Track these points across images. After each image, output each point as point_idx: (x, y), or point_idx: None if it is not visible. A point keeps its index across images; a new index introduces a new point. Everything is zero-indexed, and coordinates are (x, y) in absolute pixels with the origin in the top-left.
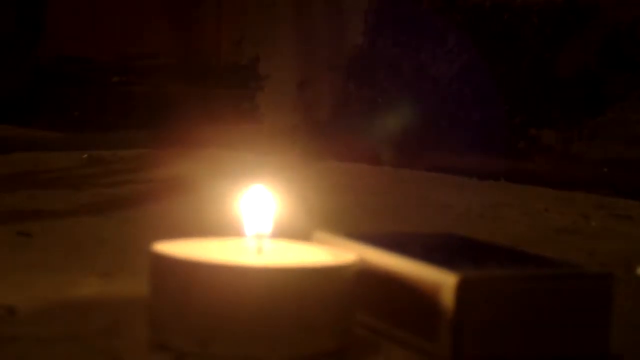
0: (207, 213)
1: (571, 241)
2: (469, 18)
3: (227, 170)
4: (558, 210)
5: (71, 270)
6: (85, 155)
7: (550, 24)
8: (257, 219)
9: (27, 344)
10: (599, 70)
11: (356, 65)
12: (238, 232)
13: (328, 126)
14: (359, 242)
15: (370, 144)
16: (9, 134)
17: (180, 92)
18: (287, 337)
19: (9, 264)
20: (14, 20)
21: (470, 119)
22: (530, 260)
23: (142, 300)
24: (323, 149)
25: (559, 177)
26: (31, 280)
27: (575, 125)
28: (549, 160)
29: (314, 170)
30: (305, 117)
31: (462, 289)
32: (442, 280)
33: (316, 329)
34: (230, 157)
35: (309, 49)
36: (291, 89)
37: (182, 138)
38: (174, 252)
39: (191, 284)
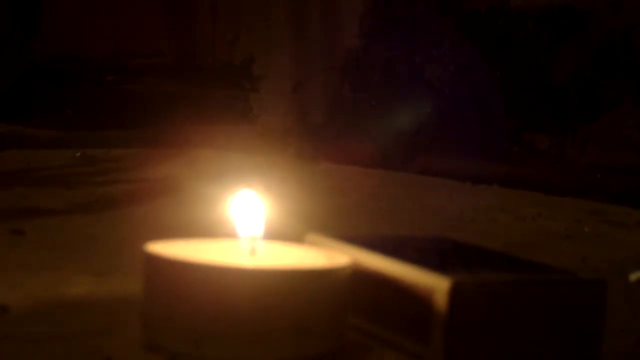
0: (200, 213)
1: (564, 247)
2: (464, 22)
3: (220, 171)
4: (551, 215)
5: (64, 269)
6: (79, 154)
7: (546, 29)
8: (249, 221)
9: (19, 342)
10: (594, 76)
11: (351, 68)
12: (231, 233)
13: (322, 128)
14: (351, 244)
15: (364, 147)
16: (2, 131)
17: (174, 92)
18: (280, 339)
19: (1, 262)
20: (8, 18)
21: (464, 123)
22: (523, 265)
23: (135, 300)
24: (317, 151)
25: (553, 183)
26: (24, 279)
27: (569, 130)
28: (543, 166)
29: (307, 172)
30: (299, 118)
31: (455, 293)
32: (435, 284)
33: (309, 331)
34: (223, 158)
35: (303, 50)
36: (285, 90)
37: (175, 138)
38: (167, 253)
39: (184, 284)
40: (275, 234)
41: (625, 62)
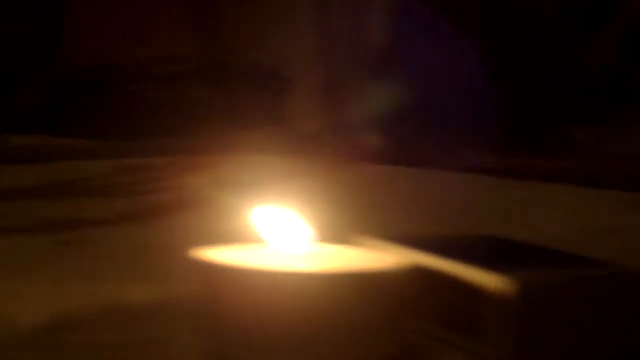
0: (242, 219)
1: (606, 240)
2: (493, 12)
3: (257, 175)
4: (594, 209)
5: (115, 278)
6: (116, 164)
7: (577, 16)
8: (296, 225)
9: (77, 352)
10: (627, 64)
11: (381, 67)
12: (278, 237)
13: (355, 128)
14: (402, 245)
15: (399, 146)
16: (40, 143)
17: (204, 97)
18: (338, 344)
19: (54, 273)
20: (36, 29)
21: (496, 116)
22: (579, 261)
23: (190, 308)
24: (351, 151)
25: (594, 176)
26: (79, 289)
27: (606, 121)
28: (579, 158)
29: (342, 174)
30: (332, 119)
31: (519, 292)
32: (494, 283)
33: (365, 335)
34: (259, 161)
35: (333, 50)
36: (316, 91)
37: (209, 144)
38: (220, 259)
39: (238, 290)
40: (320, 236)
41: None
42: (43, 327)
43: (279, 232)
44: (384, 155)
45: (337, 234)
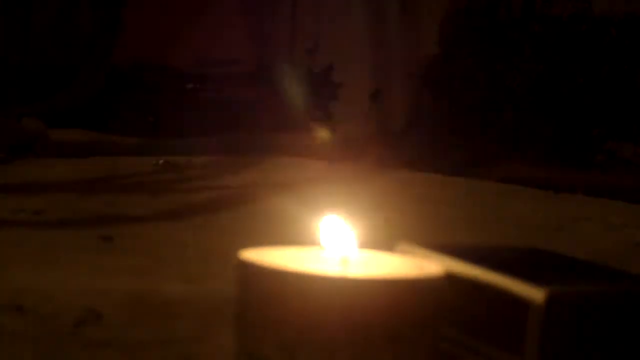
0: (282, 221)
1: None
2: (546, 29)
3: (301, 178)
4: (637, 224)
5: (154, 275)
6: (161, 161)
7: (629, 35)
8: (338, 229)
9: (114, 349)
10: None
11: (431, 75)
12: (320, 241)
13: (401, 135)
14: (443, 254)
15: (444, 154)
16: (86, 138)
17: (253, 99)
18: (373, 348)
19: (93, 268)
20: (91, 26)
21: (546, 131)
22: (616, 275)
23: (226, 307)
24: (396, 158)
25: (638, 191)
26: (116, 285)
27: None
28: (627, 174)
29: (388, 180)
30: (379, 126)
31: (551, 304)
32: (530, 295)
33: (401, 341)
34: (303, 165)
35: (383, 57)
36: (365, 97)
37: (255, 145)
38: (262, 261)
39: (279, 292)
40: (363, 242)
41: None
42: (79, 321)
43: (322, 237)
44: (429, 163)
45: (379, 240)
